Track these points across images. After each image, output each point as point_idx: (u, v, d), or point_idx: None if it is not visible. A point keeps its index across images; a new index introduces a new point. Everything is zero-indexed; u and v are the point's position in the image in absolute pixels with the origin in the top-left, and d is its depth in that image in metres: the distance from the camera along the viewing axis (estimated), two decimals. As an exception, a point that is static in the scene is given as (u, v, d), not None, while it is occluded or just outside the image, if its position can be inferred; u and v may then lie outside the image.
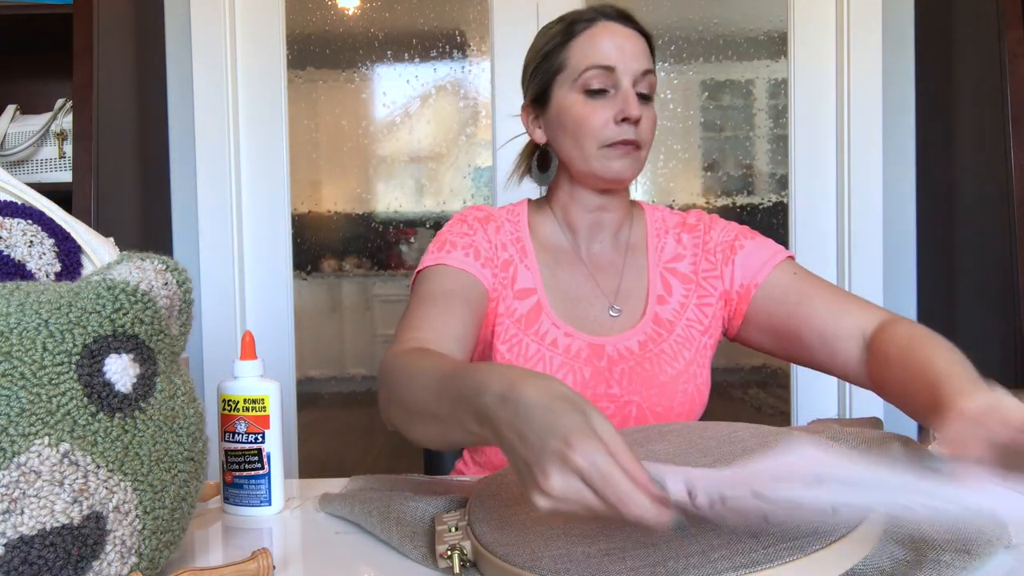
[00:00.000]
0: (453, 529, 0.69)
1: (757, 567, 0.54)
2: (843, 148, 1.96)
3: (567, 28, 1.08)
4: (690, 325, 1.11)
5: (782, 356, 1.11)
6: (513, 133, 1.26)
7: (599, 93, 1.05)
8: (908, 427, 1.95)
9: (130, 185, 1.79)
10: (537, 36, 1.13)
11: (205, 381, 1.93)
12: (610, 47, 1.05)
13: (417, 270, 1.08)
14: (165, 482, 0.65)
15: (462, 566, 0.66)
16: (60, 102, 1.72)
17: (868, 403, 1.96)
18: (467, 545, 0.66)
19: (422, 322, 0.97)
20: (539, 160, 1.17)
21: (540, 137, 1.13)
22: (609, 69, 1.04)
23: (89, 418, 0.61)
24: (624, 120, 1.04)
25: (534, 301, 1.09)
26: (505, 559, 0.62)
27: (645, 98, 1.07)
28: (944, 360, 0.82)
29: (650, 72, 1.07)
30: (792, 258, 1.12)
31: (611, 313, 1.11)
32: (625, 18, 1.08)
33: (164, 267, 0.69)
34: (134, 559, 0.62)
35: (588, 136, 1.06)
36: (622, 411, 1.07)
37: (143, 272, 0.68)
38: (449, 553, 0.66)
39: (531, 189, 1.24)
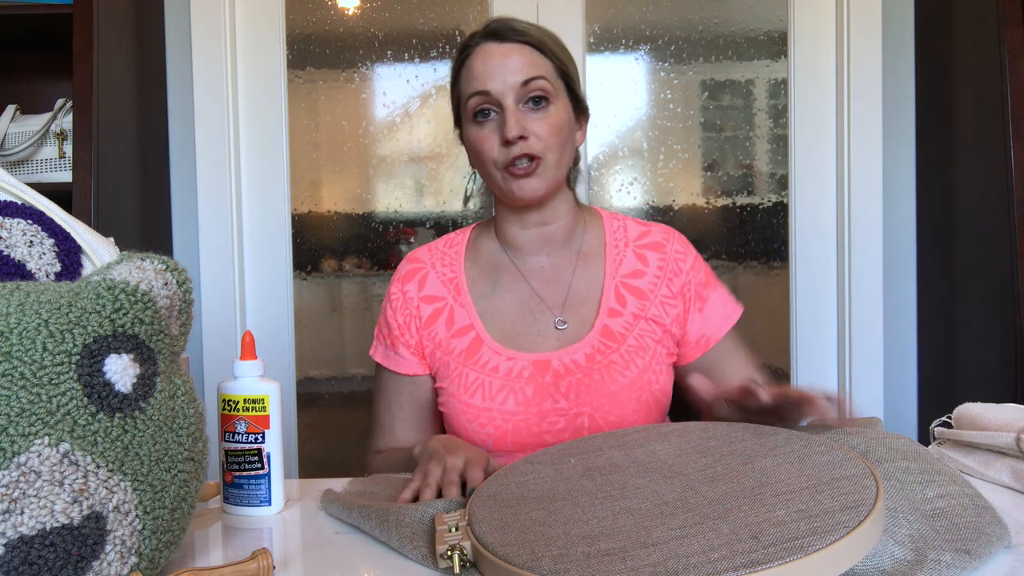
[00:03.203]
0: (453, 530, 0.69)
1: (757, 567, 0.54)
2: (843, 148, 1.96)
3: (456, 60, 1.11)
4: (643, 335, 1.10)
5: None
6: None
7: (486, 119, 1.06)
8: (909, 427, 1.95)
9: (130, 185, 1.79)
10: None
11: (205, 381, 1.93)
12: (483, 71, 1.06)
13: (371, 352, 1.20)
14: (165, 482, 0.65)
15: (462, 566, 0.66)
16: (60, 102, 1.72)
17: (869, 403, 1.96)
18: (467, 545, 0.66)
19: (386, 432, 1.17)
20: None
21: (470, 160, 1.15)
22: (485, 94, 1.05)
23: (89, 418, 0.61)
24: (508, 142, 1.04)
25: (472, 336, 1.11)
26: (505, 559, 0.62)
27: (540, 103, 1.06)
28: None
29: (536, 78, 1.05)
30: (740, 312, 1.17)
31: (557, 326, 1.11)
32: (500, 34, 1.07)
33: (164, 267, 0.69)
34: (134, 559, 0.62)
35: (486, 162, 1.07)
36: (573, 423, 1.06)
37: (143, 272, 0.68)
38: (449, 553, 0.66)
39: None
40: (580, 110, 1.14)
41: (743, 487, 0.66)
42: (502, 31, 1.07)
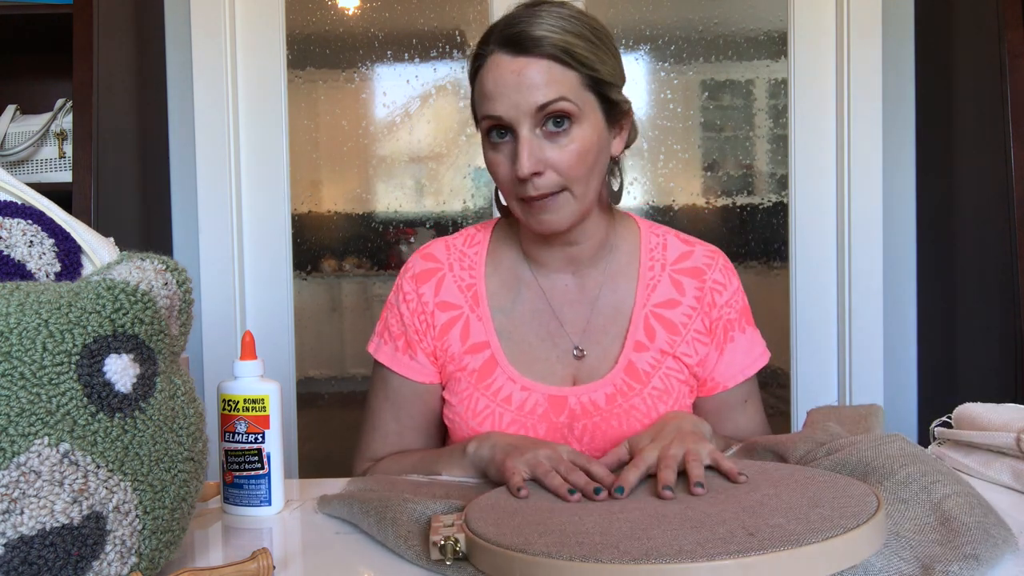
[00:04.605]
0: (449, 526, 0.70)
1: (750, 553, 0.56)
2: (843, 148, 1.96)
3: (471, 66, 0.97)
4: (669, 375, 1.01)
5: None
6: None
7: (501, 139, 0.93)
8: (909, 427, 1.95)
9: (130, 185, 1.78)
10: None
11: (205, 381, 1.93)
12: (494, 90, 0.91)
13: (369, 348, 1.08)
14: (165, 482, 0.65)
15: (454, 558, 0.66)
16: (60, 102, 1.72)
17: (869, 403, 1.96)
18: (461, 537, 0.67)
19: (392, 440, 1.07)
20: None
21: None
22: (496, 118, 0.92)
23: (89, 418, 0.61)
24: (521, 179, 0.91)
25: (487, 355, 1.01)
26: (498, 543, 0.63)
27: (562, 123, 0.91)
28: None
29: (555, 101, 0.90)
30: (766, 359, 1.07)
31: (575, 353, 1.01)
32: (515, 43, 0.91)
33: (164, 267, 0.69)
34: (134, 559, 0.62)
35: (502, 187, 0.97)
36: None
37: (143, 272, 0.68)
38: (442, 543, 0.66)
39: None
40: (617, 115, 0.98)
41: (744, 505, 0.67)
42: (518, 40, 0.91)
